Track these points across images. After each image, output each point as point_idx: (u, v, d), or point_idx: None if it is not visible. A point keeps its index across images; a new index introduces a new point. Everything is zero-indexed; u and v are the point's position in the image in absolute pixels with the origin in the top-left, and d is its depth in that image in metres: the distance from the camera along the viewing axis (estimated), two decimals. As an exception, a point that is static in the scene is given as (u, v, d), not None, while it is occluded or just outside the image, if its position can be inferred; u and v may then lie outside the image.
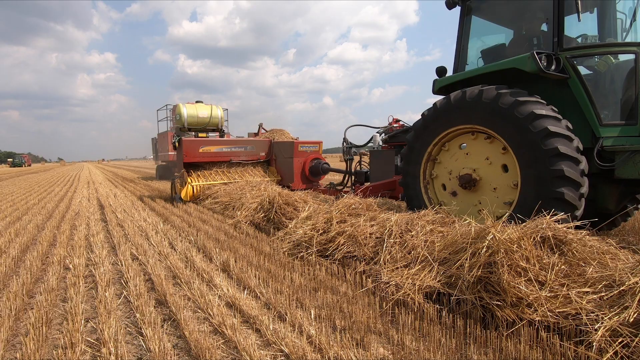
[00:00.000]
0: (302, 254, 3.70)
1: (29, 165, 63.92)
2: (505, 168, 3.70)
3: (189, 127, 8.96)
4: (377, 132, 6.62)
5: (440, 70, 4.72)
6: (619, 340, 1.84)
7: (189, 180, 7.73)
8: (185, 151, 7.79)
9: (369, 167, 6.70)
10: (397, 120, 6.47)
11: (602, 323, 1.93)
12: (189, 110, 8.94)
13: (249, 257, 3.77)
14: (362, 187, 6.15)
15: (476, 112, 3.75)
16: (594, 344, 1.86)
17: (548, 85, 3.81)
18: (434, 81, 4.74)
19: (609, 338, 1.87)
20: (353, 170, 7.47)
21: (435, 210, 3.89)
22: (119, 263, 3.76)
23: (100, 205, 8.12)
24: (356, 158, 7.92)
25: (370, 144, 7.06)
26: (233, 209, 6.07)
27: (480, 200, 3.90)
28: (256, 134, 10.56)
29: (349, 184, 7.47)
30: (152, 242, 4.54)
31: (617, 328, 1.89)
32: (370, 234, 3.56)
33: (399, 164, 5.42)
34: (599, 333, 1.88)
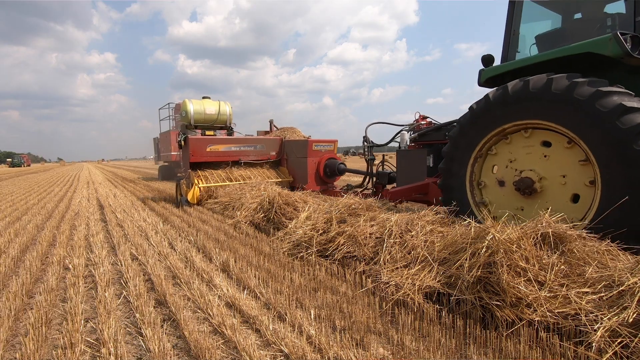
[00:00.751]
0: (302, 254, 3.70)
1: (28, 166, 63.87)
2: (577, 171, 3.16)
3: (196, 124, 8.39)
4: (404, 130, 6.08)
5: (488, 59, 4.17)
6: (618, 341, 1.85)
7: (196, 181, 7.26)
8: (192, 150, 7.34)
9: (395, 168, 6.13)
10: (424, 117, 6.00)
11: (601, 323, 1.94)
12: (195, 107, 8.32)
13: (249, 257, 3.77)
14: (387, 189, 5.73)
15: (542, 105, 3.21)
16: (594, 344, 1.86)
17: (623, 73, 3.30)
18: (480, 71, 4.21)
19: (608, 338, 1.87)
20: (375, 171, 6.87)
21: (479, 218, 3.59)
22: (119, 263, 3.76)
23: (100, 206, 8.11)
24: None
25: (395, 143, 6.46)
26: (233, 209, 6.06)
27: (542, 207, 3.29)
28: (267, 132, 9.95)
29: (370, 185, 6.97)
30: (152, 242, 4.53)
31: (617, 328, 1.89)
32: (370, 234, 3.56)
33: (431, 164, 5.13)
34: (599, 333, 1.88)
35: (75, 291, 2.95)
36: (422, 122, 6.00)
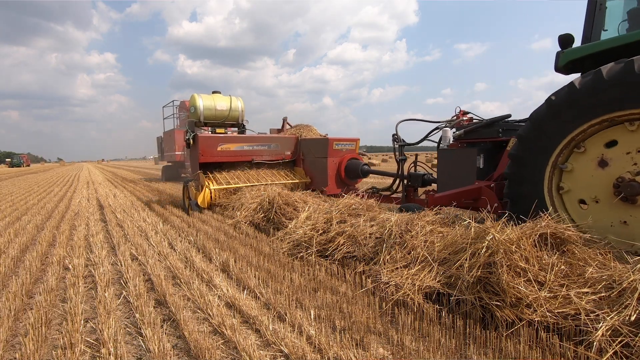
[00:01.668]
0: (301, 254, 3.70)
1: (28, 166, 63.81)
2: None
3: (206, 121, 7.69)
4: (446, 127, 5.32)
5: (566, 40, 3.57)
6: (618, 340, 1.85)
7: (207, 183, 6.67)
8: (202, 149, 6.73)
9: (430, 169, 5.53)
10: (465, 113, 5.33)
11: (603, 322, 1.94)
12: (205, 102, 7.63)
13: (249, 257, 3.77)
14: (431, 194, 5.04)
15: None
16: (595, 343, 1.86)
17: None
18: (558, 54, 3.62)
19: (609, 338, 1.87)
20: (406, 172, 6.02)
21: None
22: (119, 263, 3.76)
23: (100, 206, 8.11)
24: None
25: (428, 141, 5.80)
26: (232, 209, 6.06)
27: None
28: (279, 131, 9.17)
29: (400, 188, 6.14)
30: (152, 242, 4.53)
31: (618, 327, 1.89)
32: (370, 234, 3.56)
33: (481, 165, 4.54)
34: (599, 332, 1.88)
35: (75, 291, 2.95)
36: (464, 118, 5.28)
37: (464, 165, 4.78)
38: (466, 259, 2.56)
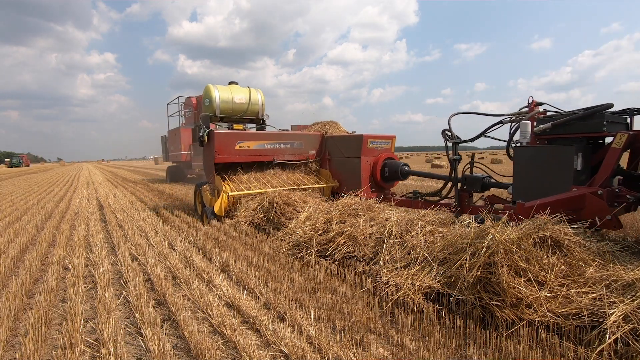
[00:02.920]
0: (301, 254, 3.70)
1: (27, 166, 63.76)
2: None
3: (222, 115, 6.78)
4: (522, 120, 4.23)
5: None
6: (628, 325, 1.89)
7: (225, 187, 5.75)
8: (218, 148, 5.86)
9: (513, 172, 4.16)
10: (539, 104, 4.37)
11: (616, 309, 1.98)
12: (222, 94, 6.69)
13: (249, 257, 3.77)
14: (522, 204, 3.53)
15: None
16: (608, 329, 1.89)
17: None
18: None
19: (622, 323, 1.91)
20: (459, 174, 4.98)
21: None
22: (119, 263, 3.76)
23: (100, 206, 8.11)
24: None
25: (485, 138, 4.86)
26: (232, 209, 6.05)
27: None
28: (304, 127, 8.14)
29: (452, 193, 5.08)
30: (152, 242, 4.53)
31: (629, 314, 1.94)
32: (370, 234, 3.56)
33: (579, 167, 3.62)
34: (612, 318, 1.91)
35: (75, 291, 2.95)
36: (540, 110, 4.33)
37: (555, 166, 3.83)
38: (466, 259, 2.56)
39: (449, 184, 5.11)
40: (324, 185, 6.56)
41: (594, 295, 2.19)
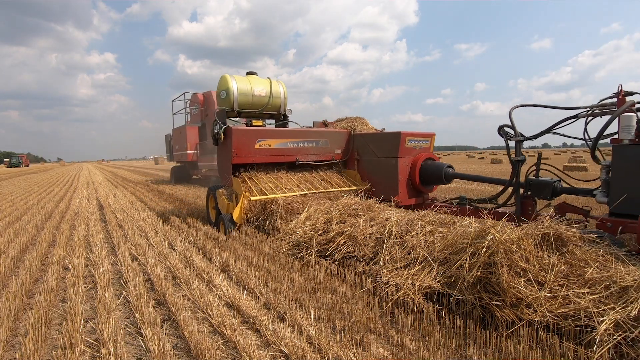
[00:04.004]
0: (301, 254, 3.70)
1: (27, 166, 63.73)
2: None
3: (240, 109, 6.02)
4: (628, 113, 3.41)
5: None
6: (619, 333, 1.88)
7: (245, 191, 5.05)
8: (236, 146, 5.22)
9: (611, 175, 3.46)
10: (628, 94, 3.60)
11: (607, 316, 1.97)
12: (240, 85, 5.91)
13: (249, 257, 3.77)
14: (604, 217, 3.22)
15: None
16: (597, 337, 1.88)
17: None
18: None
19: (612, 330, 1.90)
20: (522, 178, 4.27)
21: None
22: (119, 263, 3.76)
23: (100, 206, 8.11)
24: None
25: (551, 134, 4.14)
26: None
27: None
28: (327, 123, 7.10)
29: (512, 199, 4.37)
30: (152, 242, 4.53)
31: (621, 322, 1.93)
32: (370, 234, 3.56)
33: None
34: (603, 327, 1.90)
35: (75, 291, 2.95)
36: (634, 100, 3.59)
37: None
38: (466, 259, 2.56)
39: (512, 189, 4.33)
40: (355, 188, 5.88)
41: (594, 297, 2.19)
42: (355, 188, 5.83)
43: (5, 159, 71.20)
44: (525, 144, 4.34)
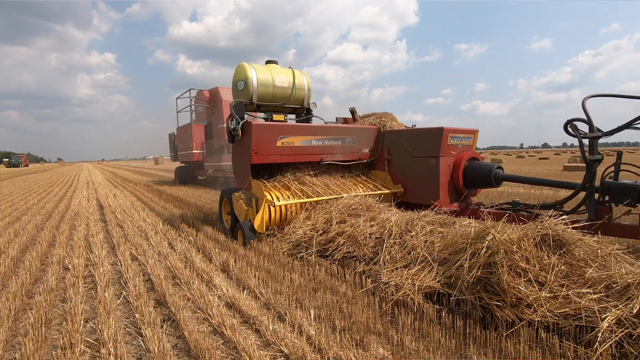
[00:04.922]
0: (301, 254, 3.70)
1: (26, 166, 63.69)
2: None
3: (259, 102, 5.33)
4: None
5: None
6: (620, 330, 1.89)
7: (269, 195, 4.42)
8: (256, 144, 4.64)
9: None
10: None
11: (609, 313, 1.98)
12: (260, 74, 5.24)
13: (249, 257, 3.77)
14: None
15: None
16: (599, 334, 1.88)
17: None
18: None
19: (615, 328, 1.90)
20: (596, 180, 3.70)
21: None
22: (119, 263, 3.76)
23: (100, 206, 8.11)
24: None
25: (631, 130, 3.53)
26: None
27: None
28: (347, 120, 6.36)
29: (583, 206, 3.76)
30: (152, 242, 4.53)
31: (623, 319, 1.94)
32: (370, 234, 3.56)
33: None
34: (604, 323, 1.91)
35: (75, 291, 2.95)
36: None
37: None
38: (466, 259, 2.56)
39: (585, 193, 3.70)
40: (388, 191, 5.26)
41: (594, 296, 2.19)
42: (387, 192, 5.25)
43: (4, 159, 71.18)
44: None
